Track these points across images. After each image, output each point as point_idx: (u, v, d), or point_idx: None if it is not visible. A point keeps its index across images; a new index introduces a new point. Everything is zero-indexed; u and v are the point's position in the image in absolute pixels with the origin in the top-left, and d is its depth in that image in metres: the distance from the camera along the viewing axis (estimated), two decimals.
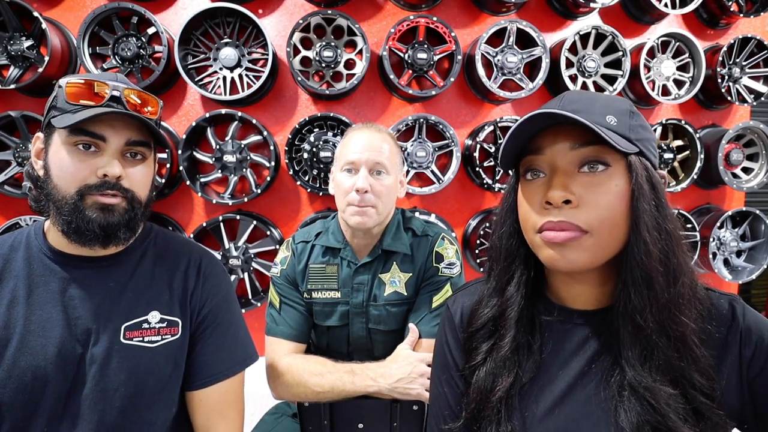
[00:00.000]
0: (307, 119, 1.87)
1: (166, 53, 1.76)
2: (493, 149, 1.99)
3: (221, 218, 1.87)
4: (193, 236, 1.88)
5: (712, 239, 2.07)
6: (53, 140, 0.80)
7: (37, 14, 1.69)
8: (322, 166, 1.88)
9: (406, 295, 1.19)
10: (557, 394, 0.64)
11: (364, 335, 1.21)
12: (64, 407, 0.79)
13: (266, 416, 1.28)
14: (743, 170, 2.17)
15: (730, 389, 0.61)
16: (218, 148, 1.86)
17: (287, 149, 1.87)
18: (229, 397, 0.93)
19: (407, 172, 1.94)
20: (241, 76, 1.87)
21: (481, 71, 1.86)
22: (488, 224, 1.99)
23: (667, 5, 2.00)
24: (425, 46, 1.88)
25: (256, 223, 1.88)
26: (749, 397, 0.61)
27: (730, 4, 2.03)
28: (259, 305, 1.89)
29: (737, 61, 2.09)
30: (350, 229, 1.19)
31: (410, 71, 1.89)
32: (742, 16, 2.05)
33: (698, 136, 2.05)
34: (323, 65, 1.85)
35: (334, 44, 1.86)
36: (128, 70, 1.82)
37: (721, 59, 2.03)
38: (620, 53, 1.96)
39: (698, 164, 2.05)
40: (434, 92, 1.88)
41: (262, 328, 1.27)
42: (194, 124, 1.79)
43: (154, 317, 0.86)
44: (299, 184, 1.89)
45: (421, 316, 1.16)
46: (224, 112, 1.80)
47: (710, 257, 2.08)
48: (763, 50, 2.08)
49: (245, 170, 1.89)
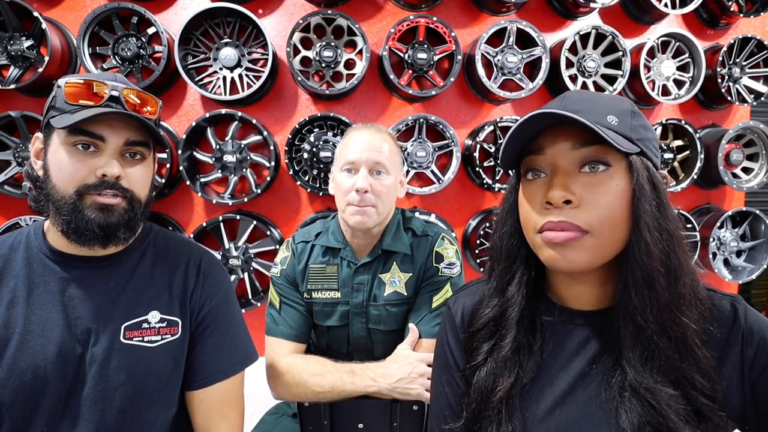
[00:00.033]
0: (307, 119, 1.87)
1: (166, 53, 1.76)
2: (493, 149, 1.98)
3: (221, 218, 1.87)
4: (193, 236, 1.88)
5: (712, 239, 2.07)
6: (52, 140, 0.80)
7: (37, 14, 1.69)
8: (322, 166, 1.88)
9: (406, 295, 1.19)
10: (558, 394, 0.64)
11: (364, 335, 1.21)
12: (64, 407, 0.79)
13: (266, 416, 1.28)
14: (743, 170, 2.16)
15: (731, 390, 0.61)
16: (218, 148, 1.86)
17: (287, 149, 1.87)
18: (229, 396, 0.93)
19: (407, 172, 1.94)
20: (241, 76, 1.87)
21: (481, 71, 1.86)
22: (488, 224, 1.98)
23: (667, 5, 2.00)
24: (425, 46, 1.88)
25: (256, 223, 1.88)
26: (751, 398, 0.61)
27: (730, 4, 2.03)
28: (259, 305, 1.89)
29: (737, 61, 2.08)
30: (350, 229, 1.19)
31: (410, 71, 1.89)
32: (742, 16, 2.04)
33: (698, 136, 2.04)
34: (323, 65, 1.85)
35: (334, 44, 1.86)
36: (128, 70, 1.82)
37: (721, 59, 2.03)
38: (620, 53, 1.96)
39: (698, 164, 2.05)
40: (434, 92, 1.88)
41: (262, 328, 1.27)
42: (194, 124, 1.78)
43: (154, 317, 0.86)
44: (299, 184, 1.88)
45: (421, 316, 1.16)
46: (224, 112, 1.79)
47: (710, 257, 2.08)
48: (763, 50, 2.08)
49: (245, 170, 1.88)
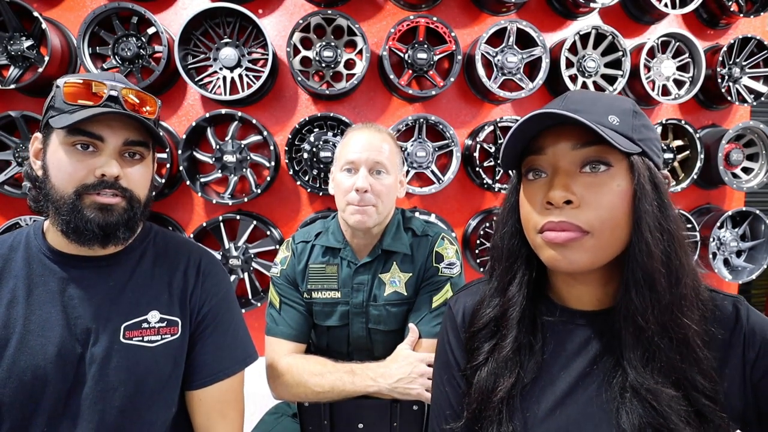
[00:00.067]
0: (307, 119, 1.86)
1: (166, 53, 1.76)
2: (493, 149, 1.98)
3: (221, 218, 1.86)
4: (193, 236, 1.87)
5: (712, 239, 2.07)
6: (51, 140, 0.80)
7: (37, 14, 1.68)
8: (322, 166, 1.87)
9: (406, 295, 1.19)
10: (559, 394, 0.64)
11: (364, 335, 1.21)
12: (63, 407, 0.79)
13: (266, 416, 1.28)
14: (743, 170, 2.16)
15: (733, 391, 0.61)
16: (218, 148, 1.86)
17: (287, 149, 1.87)
18: (229, 396, 0.93)
19: (407, 172, 1.94)
20: (241, 76, 1.87)
21: (481, 71, 1.85)
22: (488, 224, 1.98)
23: (667, 5, 2.00)
24: (425, 46, 1.87)
25: (256, 223, 1.87)
26: (753, 399, 0.61)
27: (730, 4, 2.03)
28: (259, 305, 1.89)
29: (737, 61, 2.08)
30: (350, 228, 1.19)
31: (410, 71, 1.89)
32: (742, 16, 2.04)
33: (698, 136, 2.04)
34: (323, 65, 1.85)
35: (334, 44, 1.86)
36: (128, 70, 1.82)
37: (721, 59, 2.03)
38: (620, 53, 1.95)
39: (698, 164, 2.05)
40: (434, 92, 1.88)
41: (262, 328, 1.27)
42: (194, 124, 1.78)
43: (153, 317, 0.86)
44: (299, 184, 1.88)
45: (421, 316, 1.16)
46: (224, 112, 1.79)
47: (710, 257, 2.08)
48: (763, 50, 2.08)
49: (245, 170, 1.88)
